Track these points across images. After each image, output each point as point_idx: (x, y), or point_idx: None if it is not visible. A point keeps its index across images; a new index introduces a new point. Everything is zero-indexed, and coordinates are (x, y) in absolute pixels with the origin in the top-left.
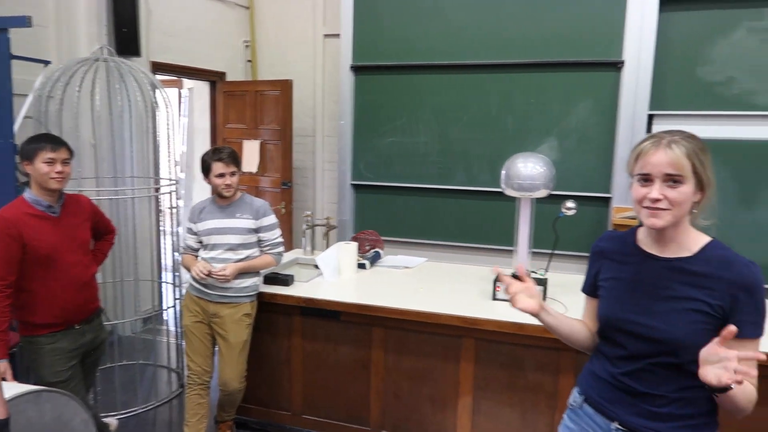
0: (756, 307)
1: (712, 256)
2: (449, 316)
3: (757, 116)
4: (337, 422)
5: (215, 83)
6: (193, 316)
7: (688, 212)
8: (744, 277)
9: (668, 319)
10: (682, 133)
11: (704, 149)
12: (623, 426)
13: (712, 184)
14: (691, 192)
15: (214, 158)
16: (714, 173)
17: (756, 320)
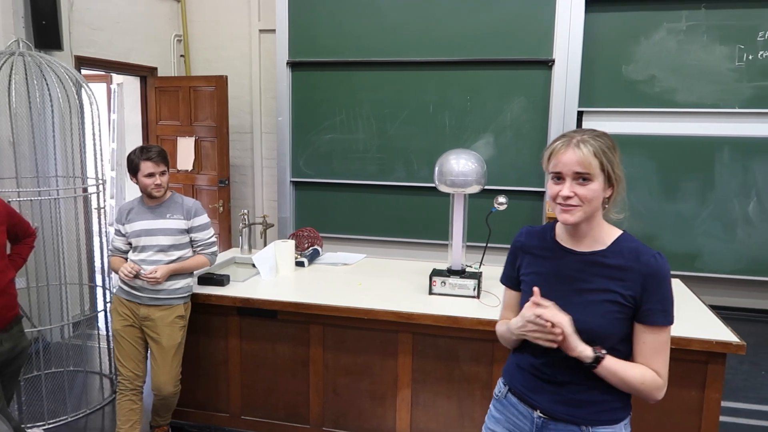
0: (663, 296)
1: (624, 248)
2: (386, 311)
3: (677, 113)
4: (277, 421)
5: (146, 78)
6: (122, 319)
7: (599, 207)
8: (651, 267)
9: (584, 310)
10: (591, 132)
11: (612, 147)
12: (545, 414)
13: (621, 180)
14: (601, 188)
15: (143, 157)
16: (623, 169)
17: (665, 308)
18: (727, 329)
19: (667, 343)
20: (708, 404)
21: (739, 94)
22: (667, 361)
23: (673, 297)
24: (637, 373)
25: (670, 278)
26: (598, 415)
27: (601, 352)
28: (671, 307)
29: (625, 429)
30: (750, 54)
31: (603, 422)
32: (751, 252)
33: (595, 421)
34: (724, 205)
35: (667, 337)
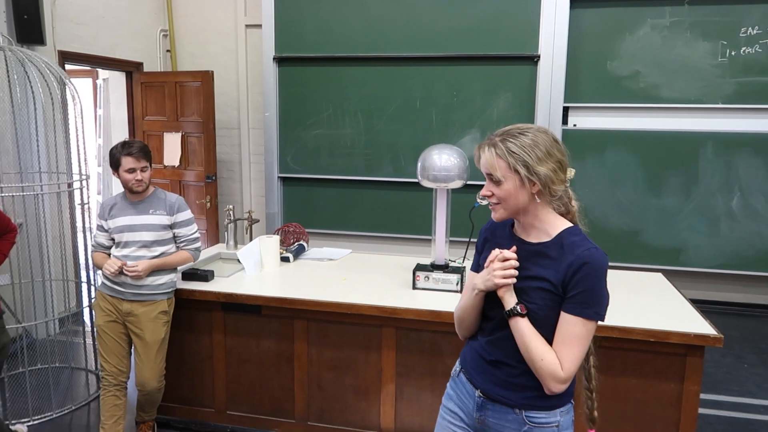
0: (590, 289)
1: (565, 241)
2: (369, 306)
3: (661, 108)
4: (262, 416)
5: (132, 74)
6: (106, 315)
7: (530, 203)
8: (583, 259)
9: (523, 296)
10: (514, 130)
11: (530, 145)
12: (484, 394)
13: (546, 177)
14: (515, 187)
15: (124, 152)
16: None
17: (586, 301)
18: (705, 322)
19: (580, 338)
20: (687, 396)
21: (722, 89)
22: (575, 357)
23: (602, 296)
24: (541, 348)
25: (603, 275)
26: (531, 400)
27: (520, 310)
28: (598, 304)
29: (563, 416)
30: (732, 50)
31: (536, 407)
32: (735, 246)
33: (527, 405)
34: (708, 200)
35: (581, 331)
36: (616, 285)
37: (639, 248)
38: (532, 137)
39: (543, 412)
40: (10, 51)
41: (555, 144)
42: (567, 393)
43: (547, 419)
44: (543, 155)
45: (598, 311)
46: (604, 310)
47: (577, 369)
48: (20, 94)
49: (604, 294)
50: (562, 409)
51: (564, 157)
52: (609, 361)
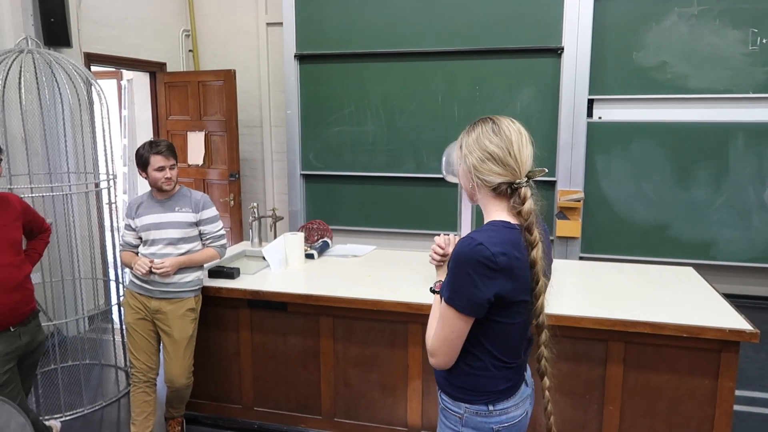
0: (449, 272)
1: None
2: (395, 302)
3: (690, 99)
4: (289, 413)
5: (155, 74)
6: (134, 312)
7: (473, 192)
8: (456, 245)
9: None
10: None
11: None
12: None
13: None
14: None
15: (153, 151)
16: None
17: (445, 282)
18: (740, 317)
19: (441, 318)
20: (721, 393)
21: (753, 78)
22: (436, 333)
23: (454, 283)
24: (431, 321)
25: (461, 264)
26: (442, 383)
27: (435, 288)
28: (450, 289)
29: (468, 414)
30: (764, 38)
31: (445, 392)
32: (767, 239)
33: (440, 385)
34: (739, 193)
35: (441, 310)
36: (645, 280)
37: (667, 242)
38: (477, 128)
39: (449, 398)
40: (38, 53)
41: (491, 136)
42: (475, 392)
43: (451, 407)
44: (472, 143)
45: (450, 296)
46: (459, 298)
47: (439, 348)
48: (48, 95)
49: (461, 283)
50: (468, 406)
51: (501, 151)
52: (640, 356)
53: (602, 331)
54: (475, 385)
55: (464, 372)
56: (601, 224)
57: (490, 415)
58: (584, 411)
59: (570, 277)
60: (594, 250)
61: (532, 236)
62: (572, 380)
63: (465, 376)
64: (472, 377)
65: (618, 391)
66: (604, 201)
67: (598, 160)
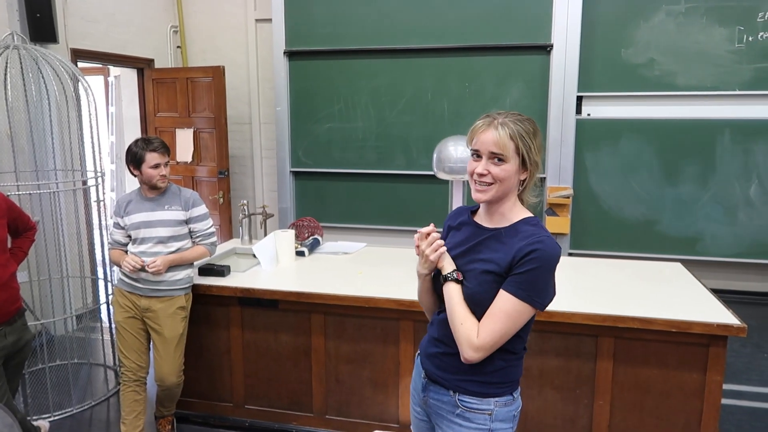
0: (530, 274)
1: (521, 228)
2: (386, 299)
3: (677, 96)
4: (280, 410)
5: (143, 70)
6: (124, 311)
7: (513, 189)
8: (532, 245)
9: (469, 277)
10: (516, 115)
11: (533, 133)
12: (426, 375)
13: (537, 166)
14: (514, 170)
15: (148, 149)
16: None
17: (523, 282)
18: (728, 312)
19: (507, 315)
20: (709, 387)
21: (739, 76)
22: (494, 330)
23: (543, 284)
24: (464, 313)
25: (550, 265)
26: (464, 384)
27: (456, 276)
28: (535, 290)
29: (498, 406)
30: (750, 35)
31: (469, 392)
32: (753, 235)
33: (461, 388)
34: (725, 189)
35: (509, 309)
36: (634, 275)
37: (655, 238)
38: (533, 126)
39: (475, 398)
40: (24, 49)
41: (541, 137)
42: (505, 384)
43: (479, 406)
44: (539, 146)
45: (532, 296)
46: (542, 298)
47: (494, 344)
48: (34, 92)
49: (547, 284)
50: (498, 399)
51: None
52: (629, 351)
53: (592, 326)
54: (506, 377)
55: (499, 367)
56: (590, 220)
57: (513, 403)
58: (575, 406)
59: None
60: (583, 246)
61: None
62: (563, 375)
63: (500, 371)
64: (506, 369)
65: (608, 385)
66: (593, 197)
67: (587, 156)
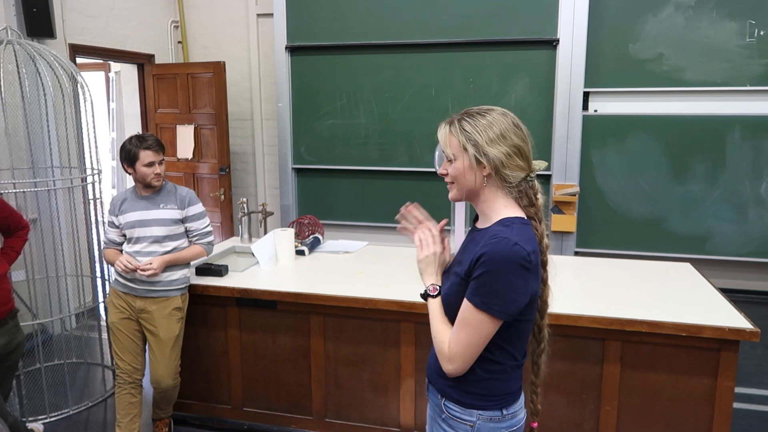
0: (482, 277)
1: (492, 229)
2: (387, 301)
3: (686, 92)
4: (279, 413)
5: (143, 66)
6: (119, 312)
7: (478, 187)
8: (485, 247)
9: (447, 280)
10: (475, 110)
11: (484, 125)
12: (427, 376)
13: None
14: (465, 167)
15: (142, 146)
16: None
17: (477, 288)
18: (740, 315)
19: (466, 323)
20: (720, 393)
21: (750, 71)
22: (459, 340)
23: (495, 288)
24: (438, 327)
25: (501, 268)
26: (449, 389)
27: (432, 292)
28: (488, 295)
29: (482, 420)
30: (761, 29)
31: (453, 399)
32: (763, 233)
33: (446, 394)
34: (735, 186)
35: (467, 317)
36: (642, 276)
37: (663, 236)
38: (489, 118)
39: (458, 407)
40: (20, 45)
41: (514, 128)
42: (491, 397)
43: (461, 415)
44: (495, 137)
45: (487, 303)
46: (499, 305)
47: (463, 354)
48: (31, 88)
49: (501, 287)
50: (482, 413)
51: (524, 144)
52: (637, 355)
53: (599, 329)
54: (491, 390)
55: (480, 378)
56: (596, 218)
57: (503, 420)
58: (580, 411)
59: (565, 273)
60: (589, 244)
61: (541, 228)
62: (568, 380)
63: (481, 382)
64: (489, 382)
65: (615, 390)
66: (600, 195)
67: (593, 153)
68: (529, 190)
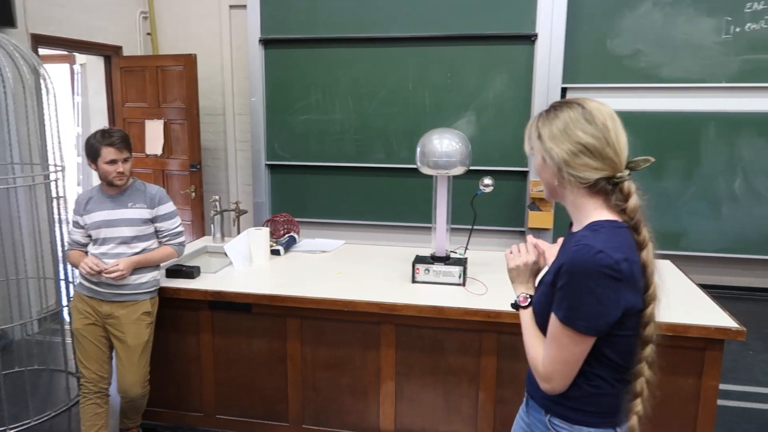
0: (562, 289)
1: (579, 234)
2: (367, 302)
3: (663, 88)
4: (254, 419)
5: (110, 58)
6: (83, 318)
7: (558, 186)
8: (567, 255)
9: (537, 288)
10: (553, 104)
11: (550, 119)
12: (527, 391)
13: (558, 157)
14: (539, 164)
15: (104, 142)
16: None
17: (559, 300)
18: (725, 314)
19: (554, 338)
20: (705, 392)
21: (726, 68)
22: (549, 356)
23: (574, 301)
24: (531, 340)
25: (581, 278)
26: (552, 405)
27: (521, 302)
28: (568, 308)
29: None
30: (737, 26)
31: (558, 414)
32: (738, 230)
33: (551, 409)
34: (710, 183)
35: (553, 331)
36: None
37: None
38: (560, 112)
39: (565, 423)
40: None
41: (583, 124)
42: (602, 414)
43: (569, 431)
44: (558, 133)
45: (569, 316)
46: (581, 318)
47: (557, 372)
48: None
49: (583, 299)
50: (592, 430)
51: (599, 141)
52: None
53: None
54: (600, 406)
55: (587, 393)
56: None
57: None
58: None
59: None
60: None
61: (640, 236)
62: None
63: (588, 398)
64: (597, 398)
65: None
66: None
67: None
68: (617, 193)
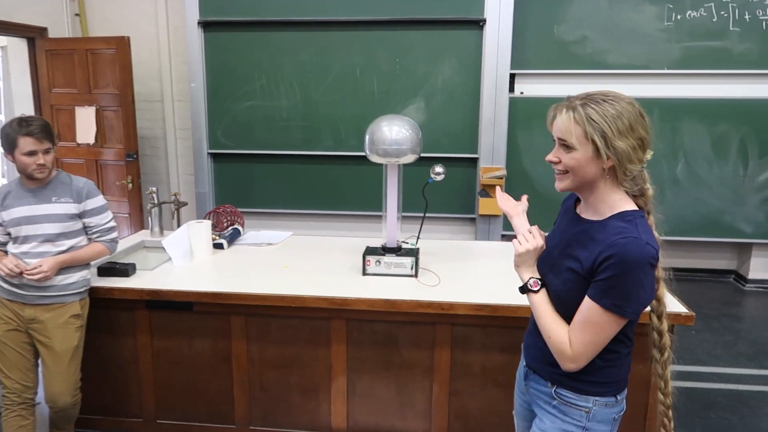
0: (612, 279)
1: (612, 224)
2: (315, 298)
3: (608, 75)
4: (198, 423)
5: (34, 40)
6: (4, 323)
7: (597, 178)
8: (614, 247)
9: (557, 273)
10: (599, 96)
11: (613, 115)
12: (527, 365)
13: (622, 152)
14: (587, 158)
15: (22, 132)
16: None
17: (606, 289)
18: (675, 299)
19: (594, 325)
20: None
21: (668, 54)
22: (585, 340)
23: (628, 290)
24: (549, 326)
25: (634, 269)
26: (560, 377)
27: (533, 286)
28: (620, 297)
29: (597, 406)
30: (678, 14)
31: (566, 386)
32: (679, 213)
33: (557, 381)
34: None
35: (595, 318)
36: None
37: None
38: (617, 107)
39: (573, 393)
40: None
41: (641, 119)
42: (607, 384)
43: (577, 401)
44: (625, 129)
45: (618, 304)
46: (631, 306)
47: (589, 354)
48: None
49: (633, 289)
50: (598, 399)
51: (648, 135)
52: None
53: None
54: (608, 377)
55: (598, 367)
56: None
57: (616, 405)
58: None
59: (492, 260)
60: None
61: (651, 221)
62: (507, 372)
63: (598, 371)
64: (606, 369)
65: None
66: (526, 178)
67: (519, 136)
68: (640, 181)
